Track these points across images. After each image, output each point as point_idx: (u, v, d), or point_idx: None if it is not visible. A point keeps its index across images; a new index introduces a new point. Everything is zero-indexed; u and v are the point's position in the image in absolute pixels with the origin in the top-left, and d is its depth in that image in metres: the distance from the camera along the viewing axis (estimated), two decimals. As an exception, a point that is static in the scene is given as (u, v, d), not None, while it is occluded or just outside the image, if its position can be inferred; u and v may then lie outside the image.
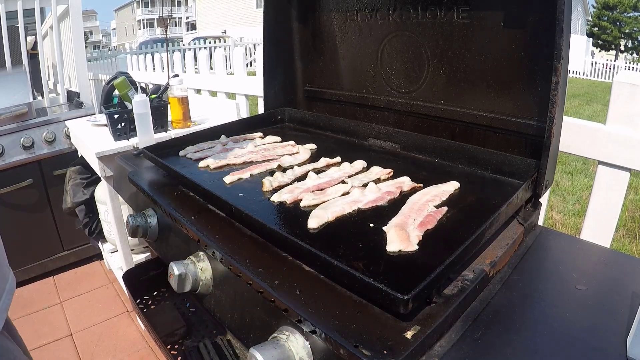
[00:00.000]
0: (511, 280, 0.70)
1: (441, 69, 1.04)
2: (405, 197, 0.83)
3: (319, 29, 1.33)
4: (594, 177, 1.21)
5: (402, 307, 0.52)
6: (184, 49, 11.71)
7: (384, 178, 0.95)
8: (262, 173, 1.00)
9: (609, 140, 1.13)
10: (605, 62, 16.60)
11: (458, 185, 0.88)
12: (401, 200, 0.82)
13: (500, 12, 0.90)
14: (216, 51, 2.83)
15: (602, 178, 1.18)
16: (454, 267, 0.63)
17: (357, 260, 0.62)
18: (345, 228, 0.74)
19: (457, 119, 1.03)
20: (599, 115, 7.20)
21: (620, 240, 3.07)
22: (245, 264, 0.68)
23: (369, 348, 0.50)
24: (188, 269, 0.76)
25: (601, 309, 0.64)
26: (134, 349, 2.03)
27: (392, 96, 1.18)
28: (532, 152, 0.90)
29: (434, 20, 1.01)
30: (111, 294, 2.46)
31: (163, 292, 1.19)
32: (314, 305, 0.58)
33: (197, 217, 0.84)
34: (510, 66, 0.91)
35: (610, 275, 0.74)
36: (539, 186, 0.86)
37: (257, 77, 2.43)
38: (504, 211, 0.75)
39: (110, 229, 2.28)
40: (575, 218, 3.42)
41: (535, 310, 0.64)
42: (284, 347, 0.56)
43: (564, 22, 0.74)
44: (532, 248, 0.80)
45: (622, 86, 1.11)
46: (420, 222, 0.72)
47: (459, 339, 0.57)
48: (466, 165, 0.99)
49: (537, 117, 0.88)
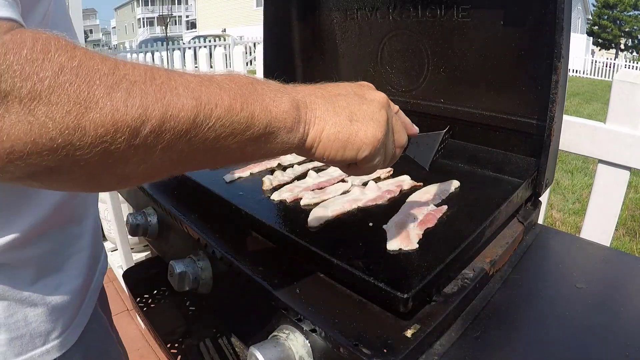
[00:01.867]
0: (511, 278, 0.70)
1: (441, 68, 1.04)
2: (405, 196, 0.84)
3: (319, 27, 1.33)
4: (593, 175, 1.21)
5: (402, 306, 0.53)
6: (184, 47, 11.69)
7: (383, 177, 0.95)
8: (262, 172, 1.00)
9: (609, 139, 1.13)
10: (605, 61, 16.59)
11: (458, 184, 0.87)
12: (401, 199, 0.82)
13: (500, 11, 0.90)
14: (216, 50, 2.83)
15: (602, 176, 1.18)
16: (454, 266, 0.63)
17: (357, 258, 0.62)
18: (345, 226, 0.74)
19: (457, 117, 1.03)
20: (599, 113, 7.20)
21: (620, 239, 3.08)
22: (245, 263, 0.68)
23: (368, 347, 0.50)
24: (188, 268, 0.76)
25: (601, 307, 0.64)
26: (134, 347, 2.03)
27: (392, 95, 1.17)
28: (532, 151, 0.90)
29: (433, 19, 1.01)
30: (111, 292, 2.47)
31: (163, 290, 1.19)
32: (314, 303, 0.58)
33: (197, 215, 0.84)
34: (510, 65, 0.91)
35: (610, 273, 0.74)
36: (539, 185, 0.86)
37: (257, 75, 2.43)
38: (503, 210, 0.75)
39: (110, 227, 2.28)
40: (575, 217, 3.42)
41: (535, 308, 0.64)
42: (284, 346, 0.56)
43: (564, 21, 0.74)
44: (532, 247, 0.80)
45: (622, 85, 1.11)
46: (420, 220, 0.72)
47: (458, 338, 0.57)
48: (466, 164, 0.99)
49: (537, 116, 0.88)
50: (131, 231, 0.98)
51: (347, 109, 0.49)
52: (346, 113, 0.49)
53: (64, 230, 0.63)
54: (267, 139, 0.43)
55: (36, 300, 0.59)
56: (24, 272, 0.58)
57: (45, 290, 0.60)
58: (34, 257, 0.58)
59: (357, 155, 0.49)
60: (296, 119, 0.45)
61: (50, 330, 0.61)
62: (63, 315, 0.63)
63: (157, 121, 0.33)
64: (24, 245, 0.57)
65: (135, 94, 0.33)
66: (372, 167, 0.52)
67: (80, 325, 0.66)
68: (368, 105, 0.50)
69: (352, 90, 0.53)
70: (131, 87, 0.33)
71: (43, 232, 0.59)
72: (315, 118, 0.47)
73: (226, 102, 0.38)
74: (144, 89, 0.33)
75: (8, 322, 0.56)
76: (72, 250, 0.65)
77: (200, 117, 0.36)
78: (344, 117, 0.48)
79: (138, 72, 0.34)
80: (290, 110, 0.44)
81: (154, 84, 0.34)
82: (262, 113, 0.41)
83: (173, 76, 0.36)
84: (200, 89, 0.37)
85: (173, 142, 0.35)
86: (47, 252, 0.61)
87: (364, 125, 0.49)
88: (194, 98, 0.36)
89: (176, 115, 0.34)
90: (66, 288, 0.63)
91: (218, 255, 0.73)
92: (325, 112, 0.48)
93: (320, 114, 0.47)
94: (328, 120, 0.47)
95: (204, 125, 0.36)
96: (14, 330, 0.57)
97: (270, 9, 1.34)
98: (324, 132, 0.47)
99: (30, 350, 0.59)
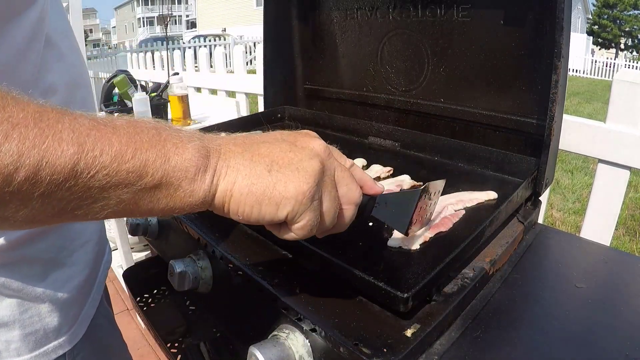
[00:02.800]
0: (511, 278, 0.70)
1: (441, 67, 1.04)
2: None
3: (319, 27, 1.33)
4: (593, 175, 1.21)
5: (402, 306, 0.53)
6: (184, 47, 11.70)
7: (383, 176, 0.95)
8: (262, 171, 1.00)
9: (609, 139, 1.13)
10: (605, 61, 16.58)
11: (495, 195, 0.81)
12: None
13: (500, 10, 0.90)
14: (216, 49, 2.82)
15: (602, 176, 1.18)
16: (454, 266, 0.63)
17: (357, 258, 0.62)
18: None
19: (457, 117, 1.03)
20: (599, 113, 7.20)
21: (620, 239, 3.08)
22: (245, 262, 0.68)
23: (368, 346, 0.50)
24: (188, 267, 0.76)
25: (601, 307, 0.64)
26: (134, 347, 2.03)
27: (392, 94, 1.18)
28: (532, 150, 0.90)
29: (433, 19, 1.01)
30: (111, 292, 2.45)
31: (163, 290, 1.19)
32: (314, 303, 0.58)
33: (197, 215, 0.84)
34: (510, 64, 0.91)
35: (610, 273, 0.74)
36: (539, 184, 0.86)
37: (257, 75, 2.43)
38: (503, 209, 0.75)
39: (110, 227, 2.28)
40: (575, 216, 3.42)
41: (535, 308, 0.64)
42: (284, 345, 0.56)
43: (564, 20, 0.74)
44: (532, 246, 0.80)
45: (622, 84, 1.11)
46: (435, 224, 0.71)
47: (458, 337, 0.57)
48: (466, 163, 0.99)
49: (537, 115, 0.88)
50: (131, 231, 0.99)
51: (267, 157, 0.42)
52: (265, 162, 0.42)
53: (67, 225, 0.64)
54: (164, 191, 0.38)
55: (48, 295, 0.60)
56: (34, 268, 0.59)
57: (56, 285, 0.61)
58: (40, 253, 0.60)
59: (277, 212, 0.42)
60: (201, 168, 0.39)
61: (62, 324, 0.62)
62: (72, 309, 0.64)
63: (31, 168, 0.31)
64: (31, 241, 0.58)
65: (13, 139, 0.31)
66: (305, 228, 0.45)
67: (88, 317, 0.68)
68: (295, 153, 0.43)
69: (282, 137, 0.46)
70: (10, 131, 0.31)
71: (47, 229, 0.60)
72: (228, 168, 0.41)
73: (115, 148, 0.35)
74: (24, 133, 0.31)
75: (22, 318, 0.57)
76: (76, 244, 0.66)
77: (80, 165, 0.33)
78: (262, 167, 0.41)
79: (24, 114, 0.32)
80: (194, 159, 0.39)
81: (37, 127, 0.32)
82: (157, 160, 0.37)
83: (63, 119, 0.34)
84: (89, 132, 0.34)
85: (51, 190, 0.33)
86: (52, 247, 0.62)
87: (285, 176, 0.41)
88: (77, 144, 0.33)
89: (53, 162, 0.32)
90: (74, 281, 0.65)
91: (218, 255, 0.73)
92: (241, 161, 0.41)
93: (234, 163, 0.41)
94: (241, 171, 0.41)
95: (84, 174, 0.34)
96: (29, 326, 0.58)
97: (270, 8, 1.34)
98: (235, 184, 0.41)
99: (44, 344, 0.60)
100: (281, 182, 0.41)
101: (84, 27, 3.03)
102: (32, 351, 0.59)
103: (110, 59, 5.57)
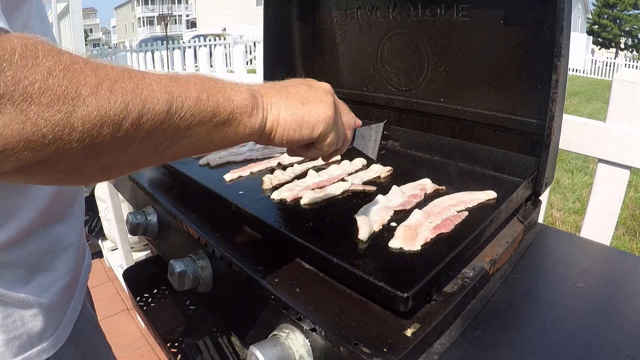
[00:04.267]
0: (511, 278, 0.70)
1: (441, 67, 1.04)
2: (429, 199, 0.81)
3: (319, 26, 1.33)
4: (594, 174, 1.21)
5: (402, 305, 0.53)
6: (184, 46, 11.69)
7: (383, 176, 0.95)
8: (262, 171, 1.00)
9: (609, 138, 1.13)
10: (605, 60, 16.57)
11: (494, 195, 0.81)
12: (425, 204, 0.80)
13: (500, 10, 0.90)
14: (216, 49, 2.82)
15: (602, 176, 1.18)
16: (454, 265, 0.63)
17: (357, 258, 0.62)
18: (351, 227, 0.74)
19: (457, 116, 1.03)
20: (599, 113, 7.20)
21: (620, 238, 3.08)
22: (245, 262, 0.68)
23: (368, 346, 0.50)
24: (188, 267, 0.76)
25: (601, 307, 0.64)
26: (134, 346, 2.03)
27: (392, 94, 1.17)
28: (532, 150, 0.90)
29: (433, 18, 1.01)
30: (111, 291, 2.47)
31: (163, 290, 1.19)
32: (314, 303, 0.58)
33: (197, 214, 0.84)
34: (510, 64, 0.91)
35: (610, 273, 0.74)
36: (539, 184, 0.86)
37: (257, 74, 2.43)
38: (504, 209, 0.75)
39: (110, 226, 2.29)
40: (575, 216, 3.42)
41: (535, 308, 0.64)
42: (284, 345, 0.56)
43: (564, 20, 0.74)
44: (532, 246, 0.80)
45: (622, 84, 1.11)
46: (436, 225, 0.71)
47: (458, 337, 0.57)
48: (466, 163, 0.99)
49: (537, 115, 0.88)
50: (131, 230, 0.99)
51: (297, 95, 0.55)
52: (297, 98, 0.55)
53: (49, 230, 0.64)
54: (231, 125, 0.48)
55: (32, 300, 0.60)
56: (17, 273, 0.59)
57: (39, 290, 0.61)
58: (23, 258, 0.60)
59: (313, 132, 0.55)
60: (255, 105, 0.50)
61: (46, 328, 0.62)
62: (56, 313, 0.64)
63: (136, 114, 0.37)
64: (14, 246, 0.58)
65: (117, 92, 0.36)
66: (328, 145, 0.58)
67: (71, 321, 0.68)
68: (315, 91, 0.57)
69: (298, 81, 0.60)
70: (113, 86, 0.36)
71: (29, 233, 0.60)
72: (271, 104, 0.52)
73: (194, 94, 0.43)
74: (124, 87, 0.37)
75: (6, 323, 0.57)
76: (59, 248, 0.67)
77: (173, 109, 0.40)
78: (296, 101, 0.54)
79: (117, 72, 0.37)
80: (249, 98, 0.49)
81: (131, 81, 0.38)
82: (225, 102, 0.46)
83: (146, 75, 0.40)
84: (171, 84, 0.41)
85: (150, 132, 0.39)
86: (36, 251, 0.62)
87: (315, 106, 0.55)
88: (166, 92, 0.40)
89: (152, 108, 0.38)
90: (57, 286, 0.65)
91: (218, 255, 0.73)
92: (279, 99, 0.53)
93: (275, 100, 0.53)
94: (282, 105, 0.53)
95: (176, 116, 0.41)
96: (12, 331, 0.58)
97: (270, 8, 1.34)
98: (280, 115, 0.52)
99: (27, 349, 0.60)
100: (314, 110, 0.55)
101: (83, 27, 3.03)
102: (16, 356, 0.59)
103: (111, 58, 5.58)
